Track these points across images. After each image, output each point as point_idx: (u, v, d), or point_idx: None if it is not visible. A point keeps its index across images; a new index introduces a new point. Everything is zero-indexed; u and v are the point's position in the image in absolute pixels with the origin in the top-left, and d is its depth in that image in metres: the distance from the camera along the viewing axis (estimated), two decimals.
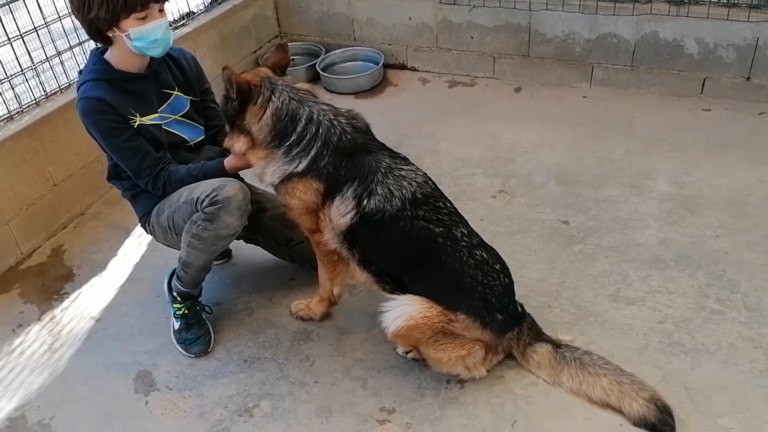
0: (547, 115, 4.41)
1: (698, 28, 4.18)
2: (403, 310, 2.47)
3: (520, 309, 2.63)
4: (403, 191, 2.43)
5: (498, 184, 3.76)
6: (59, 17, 3.65)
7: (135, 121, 2.63)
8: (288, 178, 2.45)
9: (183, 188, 2.67)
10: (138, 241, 3.57)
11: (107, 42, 2.57)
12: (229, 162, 2.65)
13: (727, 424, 2.37)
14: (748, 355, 2.62)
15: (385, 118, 4.21)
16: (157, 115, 2.72)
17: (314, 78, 5.06)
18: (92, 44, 3.78)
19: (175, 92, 2.81)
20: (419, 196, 2.46)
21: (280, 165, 2.45)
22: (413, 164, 2.56)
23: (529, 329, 2.64)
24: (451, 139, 4.22)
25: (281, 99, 2.42)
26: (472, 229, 2.55)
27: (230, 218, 2.56)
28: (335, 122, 2.45)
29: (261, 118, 2.41)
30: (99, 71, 2.59)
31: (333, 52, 5.17)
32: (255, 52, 5.20)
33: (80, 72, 2.72)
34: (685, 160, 3.81)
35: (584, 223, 3.40)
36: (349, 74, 5.02)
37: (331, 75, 4.98)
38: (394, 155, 2.52)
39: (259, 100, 2.41)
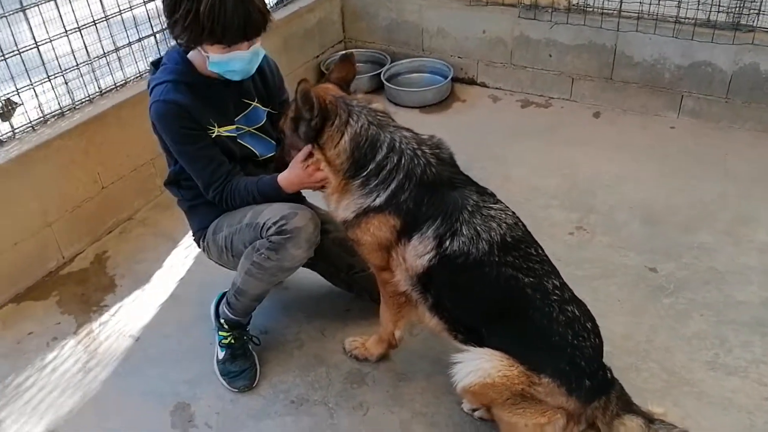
0: (630, 144, 4.04)
1: None
2: (479, 365, 2.17)
3: (609, 375, 2.29)
4: (492, 233, 2.13)
5: (576, 220, 3.42)
6: (120, 11, 3.45)
7: (213, 131, 2.41)
8: (364, 213, 2.18)
9: (246, 207, 2.45)
10: (185, 254, 3.34)
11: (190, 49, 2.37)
12: (286, 180, 2.38)
13: None
14: None
15: (452, 137, 3.77)
16: (233, 126, 2.50)
17: (378, 88, 4.80)
18: (152, 41, 3.67)
19: (254, 103, 2.58)
20: (509, 239, 2.15)
21: (356, 198, 2.18)
22: (502, 202, 2.26)
23: (617, 398, 2.28)
24: (523, 164, 3.89)
25: (360, 123, 2.16)
26: (564, 281, 2.23)
27: (297, 250, 2.33)
28: (419, 152, 2.17)
29: (338, 143, 2.15)
30: (181, 72, 2.37)
31: (399, 62, 4.89)
32: (317, 57, 4.96)
33: (154, 66, 2.49)
34: None
35: (675, 273, 3.04)
36: (415, 86, 4.74)
37: (397, 87, 4.70)
38: (481, 191, 2.23)
39: (336, 122, 2.14)
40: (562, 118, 4.39)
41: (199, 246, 2.71)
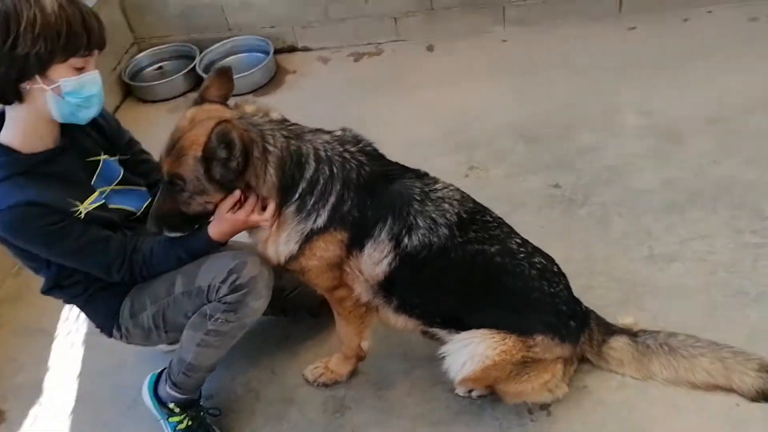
0: (475, 70, 4.01)
1: None
2: (473, 350, 2.03)
3: (583, 306, 2.26)
4: (448, 215, 1.94)
5: (464, 161, 3.33)
6: None
7: (78, 211, 1.92)
8: (306, 239, 1.87)
9: (169, 275, 2.05)
10: (70, 342, 2.77)
11: (9, 101, 1.81)
12: (219, 233, 1.99)
13: None
14: None
15: (298, 114, 3.50)
16: (96, 193, 2.02)
17: (197, 83, 4.29)
18: None
19: (102, 157, 2.11)
20: (465, 215, 1.98)
21: (295, 225, 1.87)
22: (440, 179, 2.06)
23: (597, 326, 2.28)
24: (386, 121, 3.68)
25: (278, 143, 1.84)
26: (523, 237, 2.11)
27: (258, 301, 2.01)
28: (346, 154, 1.90)
29: (264, 176, 1.80)
30: (5, 165, 1.84)
31: (209, 50, 4.40)
32: (115, 68, 4.32)
33: None
34: (640, 86, 3.58)
35: (576, 182, 3.07)
36: (238, 72, 4.27)
37: None
38: (420, 175, 2.02)
39: (256, 153, 1.79)
40: (400, 62, 4.24)
41: (110, 336, 2.23)
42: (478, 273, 1.99)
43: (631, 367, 2.25)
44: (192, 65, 4.29)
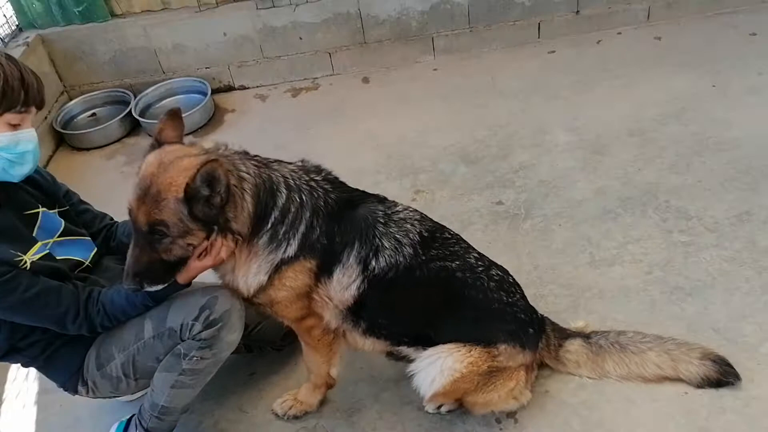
0: (410, 98, 4.17)
1: None
2: (442, 365, 2.11)
3: (538, 314, 2.39)
4: (411, 235, 2.04)
5: (410, 185, 3.46)
6: None
7: (23, 262, 1.89)
8: (276, 269, 1.91)
9: (136, 321, 2.03)
10: (20, 404, 2.67)
11: None
12: (186, 276, 1.96)
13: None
14: (740, 275, 2.66)
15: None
16: (39, 244, 1.99)
17: (133, 128, 4.28)
18: None
19: (40, 209, 2.08)
20: (426, 234, 2.08)
21: (266, 255, 1.90)
22: (398, 202, 2.15)
23: (552, 331, 2.41)
24: (330, 152, 3.77)
25: (251, 171, 1.88)
26: (478, 251, 2.24)
27: (232, 335, 2.02)
28: (313, 183, 1.97)
29: (242, 206, 1.84)
30: None
31: (144, 93, 4.39)
32: (45, 118, 4.23)
33: None
34: (564, 105, 3.84)
35: (517, 198, 3.25)
36: None
37: (157, 120, 4.21)
38: (381, 199, 2.11)
39: (233, 181, 1.82)
40: (337, 95, 4.36)
41: (75, 393, 2.18)
42: (442, 289, 2.09)
43: (587, 367, 2.38)
44: (127, 110, 4.26)
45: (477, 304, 2.13)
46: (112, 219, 2.39)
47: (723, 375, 2.27)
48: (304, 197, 1.93)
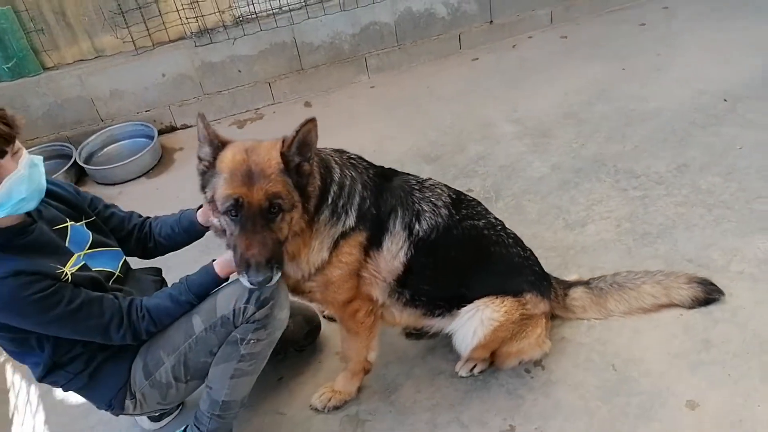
0: (356, 113, 4.39)
1: None
2: (482, 316, 2.30)
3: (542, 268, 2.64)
4: (443, 198, 2.25)
5: None
6: None
7: (64, 274, 1.90)
8: (335, 244, 2.03)
9: (181, 321, 2.05)
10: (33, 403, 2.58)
11: None
12: (226, 269, 2.05)
13: (738, 268, 2.75)
14: (695, 213, 3.06)
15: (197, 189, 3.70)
16: (75, 256, 2.00)
17: (81, 176, 4.19)
18: None
19: (69, 223, 2.09)
20: (454, 196, 2.30)
21: (328, 231, 2.01)
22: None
23: (557, 283, 2.67)
24: None
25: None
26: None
27: (283, 311, 2.08)
28: (353, 160, 2.14)
29: (316, 180, 1.95)
30: None
31: (86, 143, 4.30)
32: None
33: None
34: (500, 101, 4.20)
35: (484, 184, 3.53)
36: (121, 159, 4.21)
37: (106, 165, 4.16)
38: (405, 172, 2.30)
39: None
40: (281, 121, 4.49)
41: (122, 410, 2.14)
42: (474, 246, 2.29)
43: (592, 310, 2.65)
44: (72, 161, 4.16)
45: (502, 259, 2.35)
46: (140, 216, 2.38)
47: (709, 293, 2.61)
48: (353, 172, 2.07)
